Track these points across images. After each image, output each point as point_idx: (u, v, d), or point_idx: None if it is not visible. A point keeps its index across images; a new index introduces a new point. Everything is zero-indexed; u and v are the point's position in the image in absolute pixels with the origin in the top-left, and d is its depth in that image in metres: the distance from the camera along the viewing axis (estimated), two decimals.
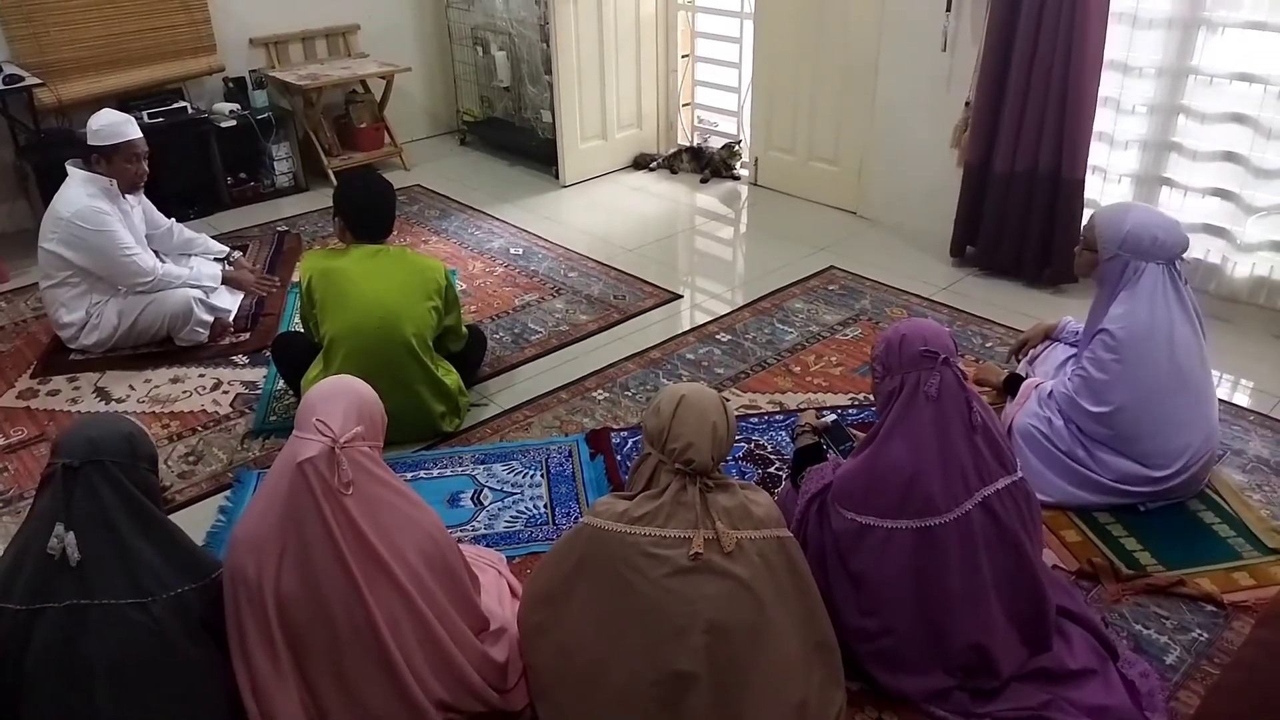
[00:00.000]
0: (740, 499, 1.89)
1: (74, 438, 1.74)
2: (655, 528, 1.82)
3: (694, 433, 1.85)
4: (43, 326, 3.72)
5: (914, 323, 2.14)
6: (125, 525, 1.72)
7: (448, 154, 5.80)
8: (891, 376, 2.09)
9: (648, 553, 1.81)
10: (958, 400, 2.03)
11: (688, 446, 1.84)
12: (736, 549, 1.82)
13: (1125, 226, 2.57)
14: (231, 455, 2.98)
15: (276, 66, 5.20)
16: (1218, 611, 2.30)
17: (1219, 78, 3.51)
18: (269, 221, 4.77)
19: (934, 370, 2.02)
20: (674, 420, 1.86)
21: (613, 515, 1.86)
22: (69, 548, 1.66)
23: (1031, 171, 3.81)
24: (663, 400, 1.91)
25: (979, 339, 3.56)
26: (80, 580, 1.67)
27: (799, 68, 4.71)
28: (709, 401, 1.90)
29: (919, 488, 2.00)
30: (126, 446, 1.76)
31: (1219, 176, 3.61)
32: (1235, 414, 3.05)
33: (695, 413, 1.86)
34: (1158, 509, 2.60)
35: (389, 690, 1.82)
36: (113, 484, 1.72)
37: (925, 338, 2.06)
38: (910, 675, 2.07)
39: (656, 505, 1.84)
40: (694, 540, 1.80)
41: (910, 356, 2.05)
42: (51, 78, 4.35)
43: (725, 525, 1.83)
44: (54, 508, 1.69)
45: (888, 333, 2.15)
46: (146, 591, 1.71)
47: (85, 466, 1.70)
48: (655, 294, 3.97)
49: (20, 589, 1.68)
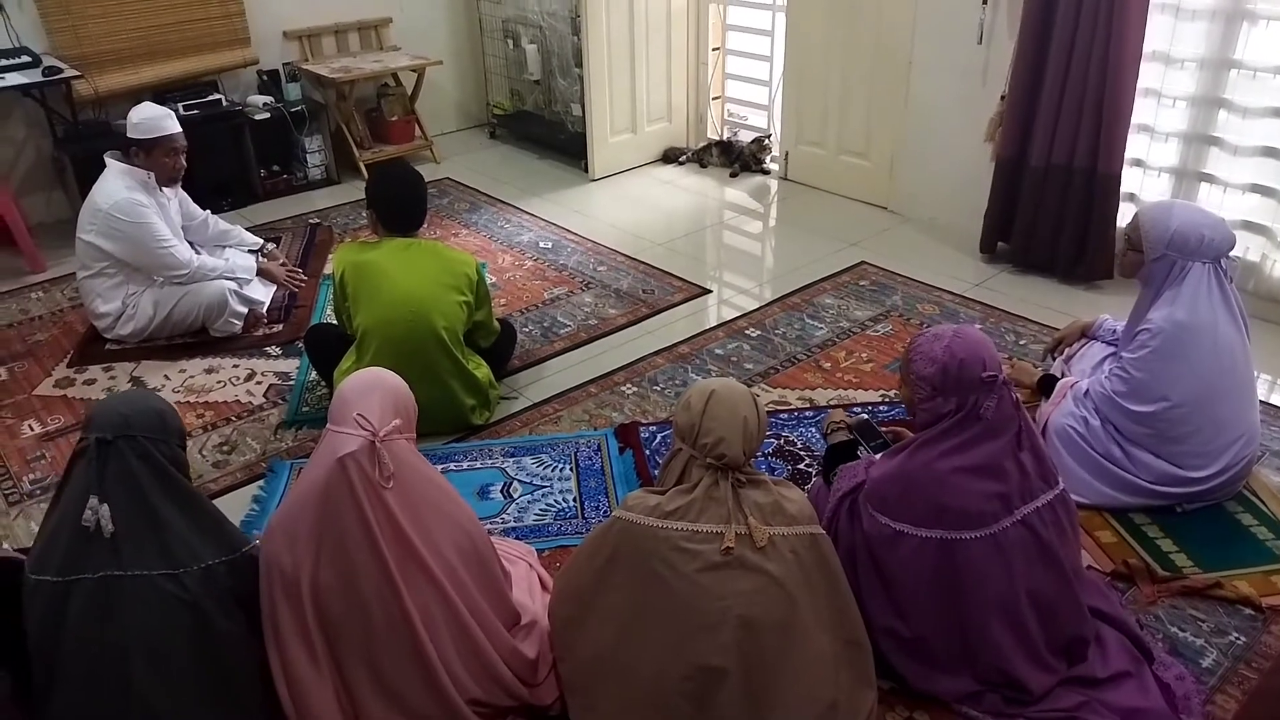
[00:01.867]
0: (774, 495, 1.88)
1: (106, 412, 1.76)
2: (688, 522, 1.81)
3: (725, 427, 1.83)
4: (79, 316, 3.77)
5: (965, 340, 2.01)
6: (157, 498, 1.74)
7: (478, 147, 5.82)
8: (946, 399, 2.00)
9: (680, 547, 1.80)
10: (1010, 420, 1.99)
11: (719, 441, 1.83)
12: (769, 545, 1.81)
13: (1172, 226, 2.52)
14: (265, 445, 3.01)
15: (309, 59, 5.23)
16: (1255, 615, 2.27)
17: (1262, 71, 3.44)
18: (301, 214, 4.81)
19: (993, 393, 1.97)
20: (705, 415, 1.85)
21: (645, 510, 1.85)
22: (103, 520, 1.69)
23: (1067, 166, 3.76)
24: (693, 395, 1.90)
25: (1012, 336, 3.52)
26: (114, 551, 1.70)
27: (830, 61, 4.67)
28: (739, 396, 1.89)
29: (956, 502, 1.97)
30: (158, 421, 1.79)
31: (1260, 172, 3.54)
32: (1274, 415, 2.99)
33: (726, 407, 1.85)
34: (1195, 510, 2.56)
35: (422, 683, 1.83)
36: (144, 457, 1.74)
37: (984, 360, 1.96)
38: (941, 676, 2.05)
39: (689, 500, 1.83)
40: (726, 535, 1.79)
41: (970, 381, 1.96)
42: (89, 70, 4.41)
43: (758, 521, 1.82)
44: (87, 480, 1.71)
45: (935, 351, 2.01)
46: (179, 563, 1.73)
47: (118, 440, 1.72)
48: (684, 289, 3.96)
49: (56, 562, 1.71)
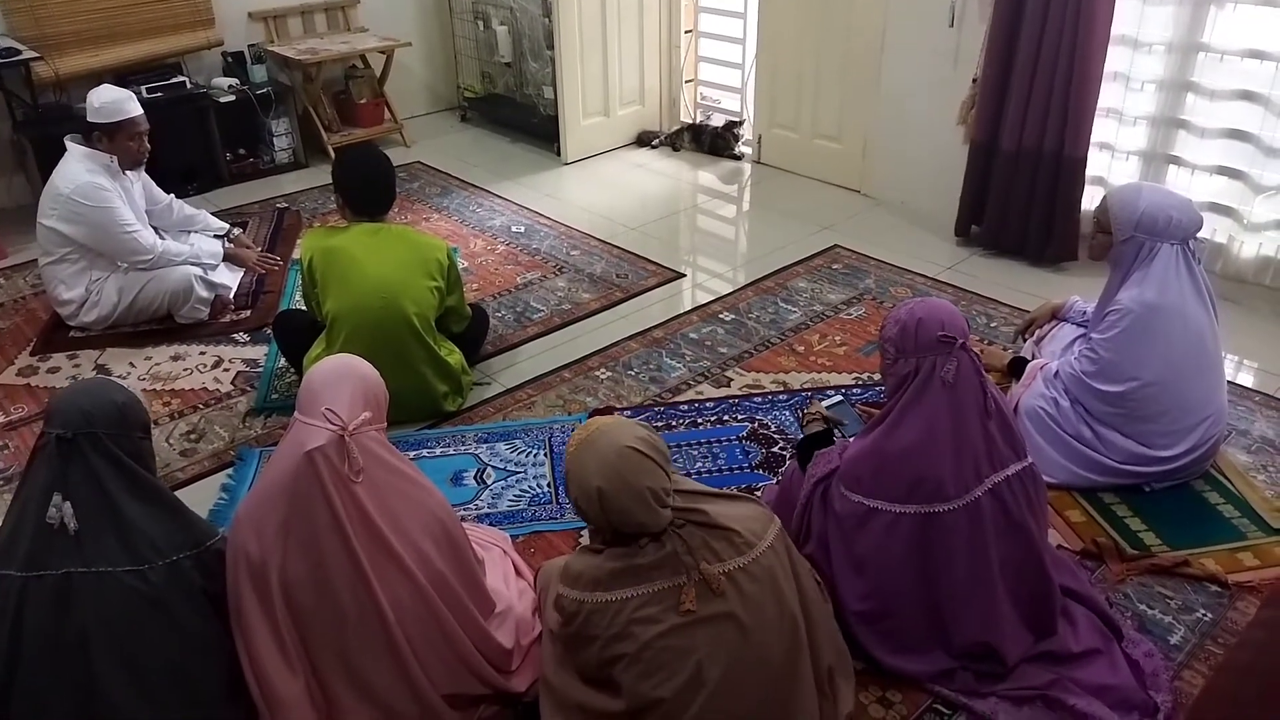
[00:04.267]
0: (716, 522, 1.71)
1: (67, 407, 1.72)
2: (642, 585, 1.67)
3: (634, 506, 1.65)
4: (42, 303, 3.70)
5: (928, 304, 2.06)
6: (120, 494, 1.71)
7: (448, 130, 5.76)
8: (906, 360, 2.03)
9: (636, 619, 1.66)
10: (973, 385, 2.00)
11: (635, 523, 1.66)
12: (727, 584, 1.67)
13: (1140, 207, 2.54)
14: (233, 433, 2.97)
15: (275, 41, 5.14)
16: (1222, 592, 2.30)
17: (1229, 54, 3.47)
18: (269, 198, 4.74)
19: (951, 355, 1.98)
20: (606, 513, 1.67)
21: (592, 584, 1.70)
22: (66, 517, 1.66)
23: (1037, 149, 3.78)
24: (579, 498, 1.69)
25: (984, 318, 3.54)
26: (77, 548, 1.67)
27: (803, 44, 4.66)
28: (627, 468, 1.65)
29: (930, 474, 1.98)
30: (119, 416, 1.75)
31: (1227, 155, 3.58)
32: (1240, 394, 3.03)
33: (624, 493, 1.64)
34: (1162, 489, 2.60)
35: (393, 674, 1.82)
36: (106, 455, 1.71)
37: (943, 321, 1.99)
38: (913, 655, 2.07)
39: (630, 567, 1.68)
40: (684, 597, 1.64)
41: (927, 341, 1.99)
42: (48, 52, 4.31)
43: (710, 563, 1.67)
44: (50, 477, 1.69)
45: (900, 313, 2.07)
46: (143, 559, 1.71)
47: (79, 438, 1.69)
48: (658, 272, 3.95)
49: (19, 557, 1.68)
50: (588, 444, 1.70)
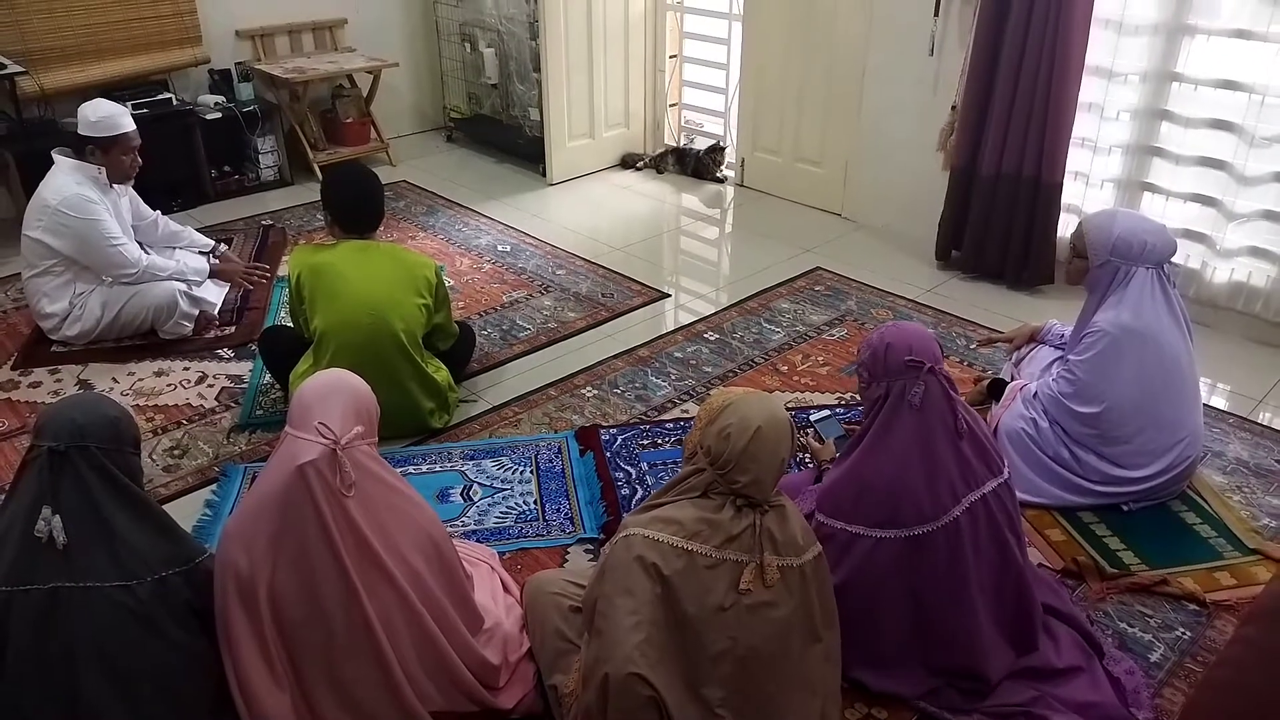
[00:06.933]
0: (787, 521, 1.81)
1: (59, 420, 1.71)
2: (712, 547, 1.75)
3: (763, 469, 1.73)
4: (24, 317, 3.67)
5: (899, 328, 2.10)
6: (110, 509, 1.70)
7: (434, 150, 5.78)
8: (877, 383, 2.06)
9: (701, 574, 1.74)
10: (941, 409, 2.02)
11: (753, 482, 1.74)
12: (778, 579, 1.76)
13: (1115, 232, 2.59)
14: (217, 449, 2.96)
15: (262, 59, 5.15)
16: (1200, 610, 2.34)
17: (1203, 84, 3.56)
18: (253, 215, 4.74)
19: (919, 379, 2.01)
20: (744, 454, 1.72)
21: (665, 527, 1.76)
22: (55, 531, 1.65)
23: (1015, 175, 3.85)
24: (733, 426, 1.74)
25: (963, 340, 3.59)
26: (65, 563, 1.66)
27: (786, 70, 4.73)
28: (782, 433, 1.75)
29: (906, 499, 2.00)
30: (112, 430, 1.74)
31: (1200, 182, 3.66)
32: (1215, 417, 3.09)
33: (769, 448, 1.73)
34: (1141, 509, 2.64)
35: (381, 690, 1.82)
36: (98, 469, 1.70)
37: (911, 346, 2.02)
38: (898, 675, 2.09)
39: (712, 523, 1.75)
40: (744, 575, 1.74)
41: (895, 365, 2.02)
42: (34, 66, 4.29)
43: (771, 554, 1.76)
44: (39, 490, 1.67)
45: (872, 337, 2.10)
46: (131, 574, 1.70)
47: (71, 450, 1.68)
48: (643, 292, 3.98)
49: (4, 570, 1.66)
50: (753, 395, 1.82)
